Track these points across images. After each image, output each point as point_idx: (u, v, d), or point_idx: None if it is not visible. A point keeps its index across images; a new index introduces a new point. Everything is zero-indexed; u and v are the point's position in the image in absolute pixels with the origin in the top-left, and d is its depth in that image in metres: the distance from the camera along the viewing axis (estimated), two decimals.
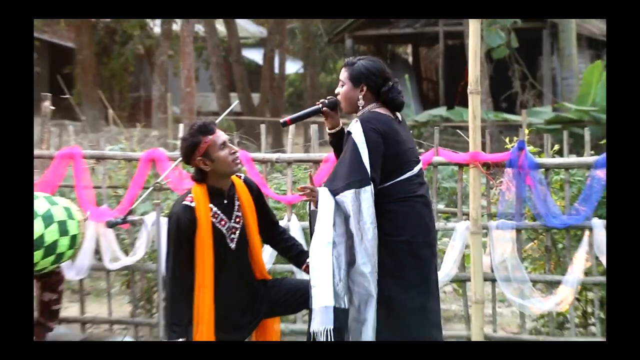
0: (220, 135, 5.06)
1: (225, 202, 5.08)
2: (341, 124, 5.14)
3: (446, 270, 6.78)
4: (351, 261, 4.76)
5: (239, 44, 27.16)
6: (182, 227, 4.96)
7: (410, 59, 31.70)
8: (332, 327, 4.65)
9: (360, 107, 4.95)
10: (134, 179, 7.19)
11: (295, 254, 5.38)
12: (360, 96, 4.94)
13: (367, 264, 4.74)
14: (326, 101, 5.11)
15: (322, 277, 4.71)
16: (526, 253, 7.23)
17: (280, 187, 7.49)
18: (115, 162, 7.82)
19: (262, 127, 7.29)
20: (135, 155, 7.30)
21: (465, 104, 7.85)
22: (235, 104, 6.66)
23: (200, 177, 5.06)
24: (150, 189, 5.37)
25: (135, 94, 31.63)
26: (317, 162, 7.04)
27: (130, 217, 5.44)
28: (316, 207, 4.83)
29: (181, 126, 7.51)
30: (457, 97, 25.35)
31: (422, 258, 4.87)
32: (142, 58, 30.99)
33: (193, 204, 4.98)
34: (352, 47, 26.80)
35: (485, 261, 6.70)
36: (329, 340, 4.61)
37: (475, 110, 6.35)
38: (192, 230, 4.95)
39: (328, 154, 7.02)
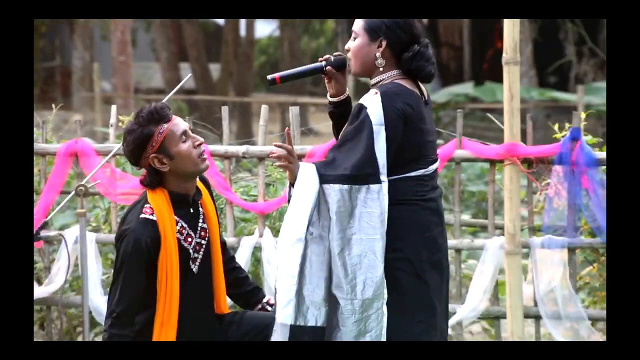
0: (179, 123, 5.04)
1: (192, 211, 5.12)
2: (347, 92, 5.18)
3: (473, 303, 6.84)
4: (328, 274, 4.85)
5: None
6: (143, 249, 4.94)
7: (424, 18, 31.81)
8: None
9: (379, 69, 4.97)
10: (48, 180, 7.23)
11: (246, 290, 5.42)
12: (378, 54, 4.94)
13: (340, 287, 4.80)
14: (332, 58, 5.15)
15: (282, 284, 4.79)
16: (582, 281, 7.30)
17: (249, 192, 7.54)
18: None
19: (224, 109, 7.33)
20: (50, 148, 7.34)
21: (498, 79, 7.89)
22: (187, 78, 6.65)
23: (154, 180, 5.04)
24: (72, 193, 5.41)
25: (48, 64, 31.66)
26: (298, 157, 7.09)
27: (43, 233, 5.47)
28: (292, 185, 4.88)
29: (113, 108, 7.55)
30: (487, 69, 25.44)
31: (427, 282, 4.93)
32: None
33: (154, 217, 4.98)
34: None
35: (526, 291, 6.77)
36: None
37: (513, 87, 6.42)
38: (155, 252, 4.97)
39: (312, 146, 7.07)
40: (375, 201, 4.81)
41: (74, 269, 7.21)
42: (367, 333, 4.80)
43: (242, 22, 27.92)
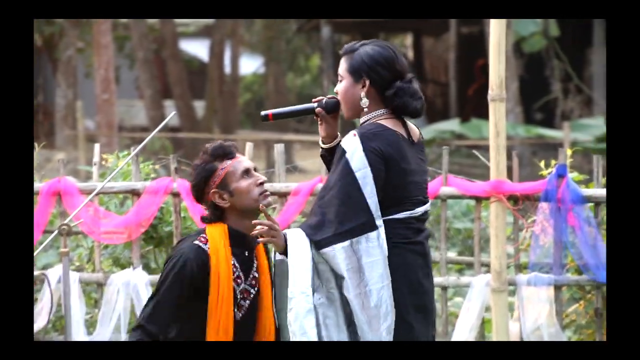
0: (242, 161, 5.09)
1: (247, 253, 5.10)
2: (339, 136, 5.18)
3: (459, 340, 6.85)
4: (350, 323, 4.85)
5: (176, 34, 27.29)
6: (187, 272, 4.94)
7: (410, 53, 31.93)
8: None
9: (365, 109, 4.97)
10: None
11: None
12: (363, 94, 4.95)
13: (367, 339, 4.79)
14: (324, 100, 5.16)
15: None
16: (569, 318, 7.32)
17: None
18: None
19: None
20: (34, 187, 7.35)
21: (484, 115, 7.94)
22: (171, 115, 6.68)
23: (215, 216, 5.07)
24: (55, 232, 5.42)
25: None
26: (283, 195, 7.12)
27: None
28: (282, 254, 4.88)
29: (96, 146, 7.57)
30: (471, 105, 25.53)
31: (412, 325, 4.93)
32: (41, 53, 31.05)
33: (207, 247, 5.00)
34: (331, 38, 27.00)
35: (512, 329, 6.78)
36: None
37: (499, 123, 6.46)
38: (202, 280, 4.96)
39: (298, 184, 7.09)
40: (376, 248, 4.80)
41: (57, 309, 7.21)
42: None
43: (227, 59, 27.99)
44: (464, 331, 6.86)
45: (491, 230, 6.60)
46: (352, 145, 4.82)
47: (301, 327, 4.78)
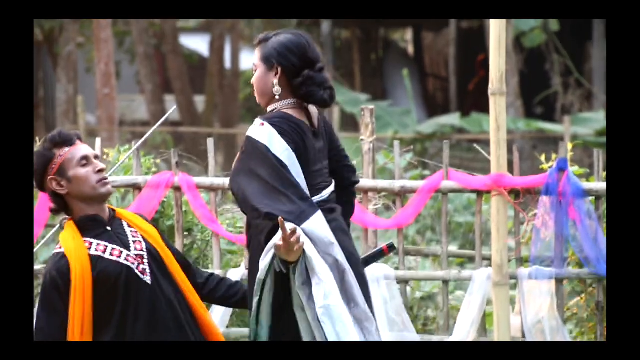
0: (82, 148, 5.11)
1: (109, 229, 5.12)
2: None
3: (461, 334, 6.86)
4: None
5: (176, 29, 27.28)
6: (53, 276, 4.98)
7: (410, 48, 31.93)
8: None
9: (277, 97, 4.99)
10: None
11: (241, 298, 5.41)
12: (275, 81, 4.98)
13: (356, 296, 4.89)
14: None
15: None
16: (570, 311, 7.33)
17: (235, 224, 7.55)
18: None
19: (210, 141, 7.35)
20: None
21: (485, 109, 7.95)
22: (172, 110, 6.69)
23: (57, 204, 5.12)
24: (57, 227, 5.42)
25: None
26: None
27: None
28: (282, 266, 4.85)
29: (98, 140, 7.56)
30: (471, 100, 25.53)
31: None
32: (41, 47, 31.03)
33: (62, 249, 5.03)
34: (331, 33, 27.00)
35: (514, 322, 6.79)
36: None
37: (499, 117, 6.46)
38: (64, 280, 4.98)
39: None
40: (325, 224, 4.87)
41: None
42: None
43: (227, 54, 27.97)
44: (465, 325, 6.87)
45: (492, 224, 6.60)
46: (264, 132, 4.84)
47: (349, 334, 4.81)
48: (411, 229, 9.86)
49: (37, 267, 6.81)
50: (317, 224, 4.83)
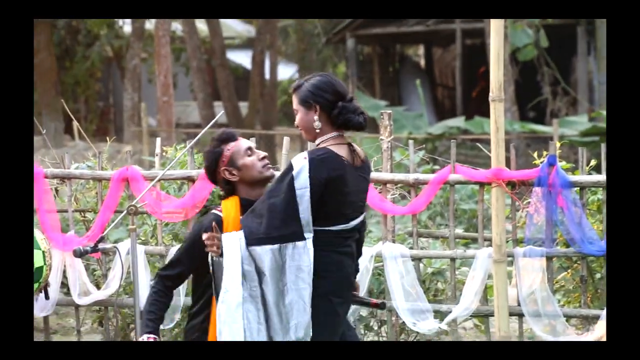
0: (244, 142, 5.24)
1: None
2: None
3: (466, 303, 6.85)
4: (267, 318, 4.85)
5: (224, 45, 27.31)
6: (205, 226, 5.05)
7: (422, 62, 31.85)
8: None
9: (317, 131, 4.95)
10: (104, 201, 7.26)
11: None
12: (316, 117, 4.94)
13: (277, 332, 4.81)
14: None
15: (233, 338, 4.81)
16: (558, 284, 7.31)
17: None
18: (82, 182, 7.88)
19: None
20: (105, 175, 7.37)
21: (486, 114, 7.94)
22: (220, 114, 6.71)
23: (227, 190, 5.19)
24: (124, 212, 5.44)
25: (103, 104, 31.77)
26: None
27: (101, 245, 5.48)
28: (220, 257, 4.87)
29: (158, 140, 7.59)
30: (474, 105, 25.46)
31: (340, 315, 4.97)
32: (111, 62, 31.14)
33: (221, 214, 5.11)
34: (355, 48, 26.95)
35: (510, 293, 6.77)
36: None
37: (498, 120, 6.43)
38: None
39: None
40: (302, 255, 4.81)
41: (127, 276, 7.24)
42: None
43: (267, 66, 27.98)
44: (469, 295, 6.85)
45: (492, 211, 6.58)
46: (300, 165, 4.81)
47: (233, 317, 4.79)
48: (423, 215, 9.83)
49: (108, 246, 6.82)
50: (263, 254, 4.79)
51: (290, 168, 4.82)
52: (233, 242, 4.83)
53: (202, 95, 25.96)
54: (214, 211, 5.18)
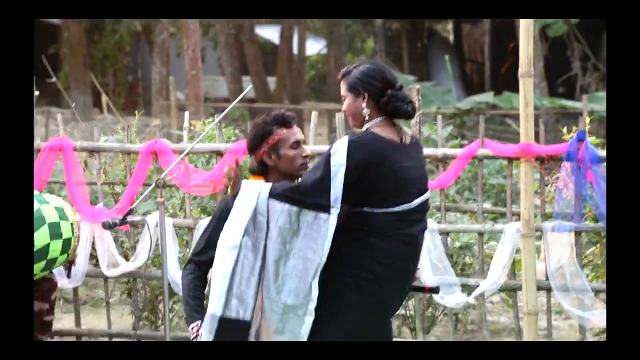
0: (297, 133, 5.16)
1: None
2: None
3: (494, 277, 6.85)
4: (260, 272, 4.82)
5: (252, 21, 27.28)
6: (229, 208, 4.99)
7: (451, 38, 31.73)
8: (211, 338, 4.76)
9: (366, 118, 4.93)
10: (133, 174, 7.28)
11: None
12: (364, 104, 4.92)
13: (268, 289, 4.78)
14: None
15: (216, 281, 4.79)
16: (587, 259, 7.29)
17: None
18: (111, 155, 7.92)
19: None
20: (134, 148, 7.40)
21: (515, 89, 7.91)
22: (248, 89, 6.69)
23: (260, 170, 5.14)
24: (153, 185, 5.46)
25: (132, 77, 31.85)
26: None
27: (130, 218, 5.49)
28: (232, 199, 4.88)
29: (186, 114, 7.61)
30: (502, 80, 25.37)
31: (392, 306, 4.95)
32: (140, 36, 31.16)
33: None
34: (383, 24, 26.89)
35: (539, 268, 6.77)
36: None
37: (527, 96, 6.41)
38: None
39: None
40: (321, 227, 4.77)
41: (155, 248, 7.29)
42: (286, 332, 4.79)
43: (295, 41, 27.96)
44: (497, 270, 6.85)
45: (521, 185, 6.57)
46: (339, 145, 4.81)
47: (224, 259, 4.78)
48: (451, 189, 9.80)
49: (137, 218, 6.86)
50: (281, 212, 4.78)
51: (330, 149, 4.83)
52: (251, 189, 4.83)
53: (230, 70, 25.98)
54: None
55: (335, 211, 4.77)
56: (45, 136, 12.70)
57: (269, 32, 32.80)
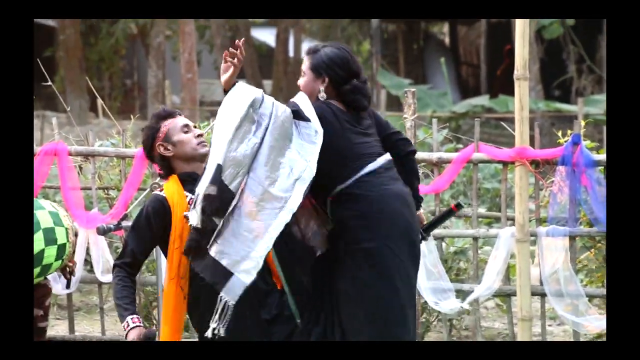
0: (182, 119, 5.31)
1: None
2: None
3: (488, 283, 6.85)
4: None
5: (248, 23, 27.30)
6: (149, 211, 5.11)
7: (446, 40, 31.73)
8: (214, 192, 4.68)
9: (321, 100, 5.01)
10: (128, 179, 7.28)
11: None
12: (321, 88, 5.00)
13: (255, 170, 4.74)
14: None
15: (217, 141, 4.75)
16: (581, 264, 7.29)
17: None
18: (106, 160, 7.91)
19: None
20: (129, 152, 7.40)
21: (510, 92, 7.91)
22: None
23: (166, 168, 5.25)
24: (148, 190, 5.47)
25: (127, 81, 31.85)
26: None
27: (124, 223, 5.50)
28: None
29: None
30: (498, 84, 25.39)
31: (392, 249, 4.85)
32: (135, 39, 31.17)
33: (163, 194, 5.14)
34: (379, 26, 26.89)
35: (533, 273, 6.76)
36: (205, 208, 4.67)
37: (523, 99, 6.41)
38: (163, 217, 5.08)
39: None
40: (312, 136, 4.82)
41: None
42: (255, 220, 4.72)
43: (291, 44, 27.97)
44: (492, 275, 6.86)
45: (516, 190, 6.57)
46: (300, 97, 4.97)
47: (223, 124, 4.76)
48: (446, 194, 9.81)
49: (130, 223, 6.82)
50: (279, 107, 4.84)
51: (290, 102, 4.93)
52: (248, 87, 4.88)
53: None
54: (155, 192, 5.17)
55: (317, 125, 4.82)
56: (40, 140, 12.71)
57: (265, 35, 32.81)
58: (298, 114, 4.86)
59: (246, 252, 4.70)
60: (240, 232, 4.71)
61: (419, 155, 7.10)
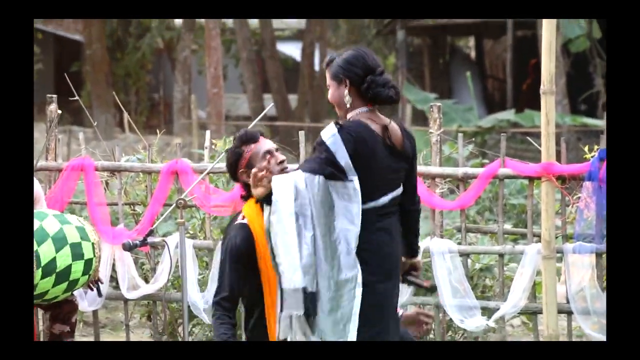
0: (265, 143, 5.22)
1: None
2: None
3: (514, 300, 6.82)
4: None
5: (274, 37, 27.36)
6: (238, 244, 5.08)
7: (472, 54, 31.68)
8: (301, 312, 4.68)
9: (348, 106, 4.92)
10: (154, 194, 7.30)
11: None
12: (346, 92, 4.91)
13: (320, 267, 4.73)
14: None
15: (286, 254, 4.71)
16: None
17: None
18: (132, 175, 7.94)
19: (301, 133, 7.37)
20: (155, 167, 7.41)
21: (536, 107, 7.88)
22: (270, 107, 6.71)
23: (248, 193, 5.17)
24: (173, 206, 5.47)
25: (154, 95, 31.96)
26: None
27: (150, 239, 5.52)
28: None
29: (207, 133, 7.62)
30: (525, 98, 25.32)
31: (375, 284, 4.84)
32: (162, 53, 31.31)
33: (246, 221, 5.11)
34: (405, 40, 26.86)
35: (559, 290, 6.73)
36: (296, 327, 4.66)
37: (549, 113, 6.39)
38: (250, 247, 5.08)
39: None
40: (351, 195, 4.75)
41: (175, 270, 7.28)
42: (340, 310, 4.73)
43: (316, 58, 28.01)
44: (518, 292, 6.82)
45: (542, 206, 6.54)
46: (328, 131, 4.82)
47: (284, 227, 4.72)
48: (472, 210, 9.77)
49: (157, 239, 6.86)
50: (313, 180, 4.74)
51: (319, 137, 4.82)
52: (284, 178, 4.81)
53: (252, 87, 26.04)
54: (238, 221, 5.16)
55: (353, 178, 4.76)
56: (67, 155, 12.75)
57: (291, 49, 32.86)
58: (333, 176, 4.77)
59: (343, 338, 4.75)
60: (329, 329, 4.75)
61: (445, 170, 7.10)
